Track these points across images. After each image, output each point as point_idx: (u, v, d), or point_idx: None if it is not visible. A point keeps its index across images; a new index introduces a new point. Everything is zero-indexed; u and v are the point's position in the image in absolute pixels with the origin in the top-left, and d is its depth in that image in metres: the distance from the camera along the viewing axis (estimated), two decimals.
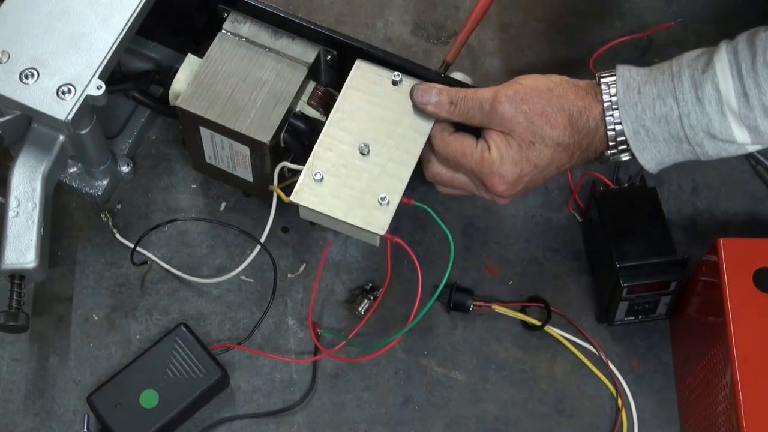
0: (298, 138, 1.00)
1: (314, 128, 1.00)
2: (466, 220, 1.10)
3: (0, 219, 0.98)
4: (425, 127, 0.97)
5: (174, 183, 1.11)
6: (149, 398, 0.98)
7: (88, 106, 0.97)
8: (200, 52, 1.02)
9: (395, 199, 0.94)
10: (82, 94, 0.96)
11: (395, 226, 0.98)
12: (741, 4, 1.20)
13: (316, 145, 0.96)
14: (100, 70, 0.98)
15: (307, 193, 0.95)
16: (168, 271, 1.07)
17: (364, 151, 0.96)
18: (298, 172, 0.97)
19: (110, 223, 1.08)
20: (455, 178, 0.97)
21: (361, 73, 1.00)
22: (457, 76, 1.00)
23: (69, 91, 0.96)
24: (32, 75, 0.97)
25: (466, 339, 1.05)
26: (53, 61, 0.98)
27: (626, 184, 1.05)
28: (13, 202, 0.98)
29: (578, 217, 1.10)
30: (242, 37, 1.02)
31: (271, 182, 1.00)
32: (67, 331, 1.04)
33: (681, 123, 0.87)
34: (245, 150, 0.99)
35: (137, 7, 1.00)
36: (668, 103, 0.87)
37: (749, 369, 0.89)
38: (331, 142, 0.97)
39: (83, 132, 0.99)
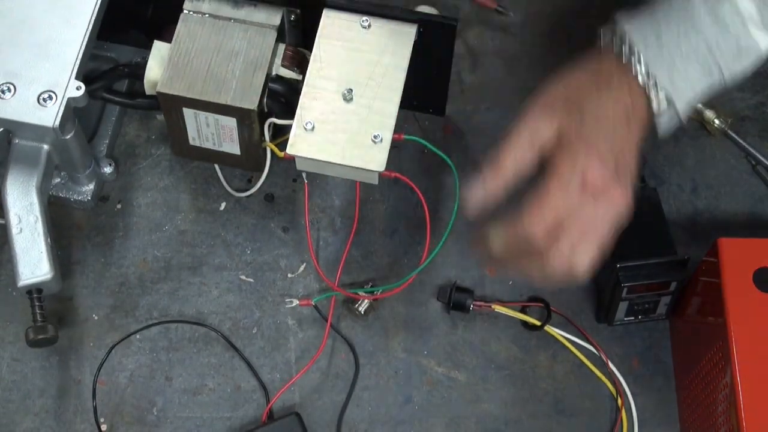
0: (278, 100, 1.02)
1: (292, 88, 1.01)
2: (466, 220, 1.10)
3: (3, 241, 0.97)
4: (403, 60, 0.99)
5: (174, 183, 1.11)
6: None
7: (71, 108, 0.97)
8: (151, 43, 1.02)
9: (387, 135, 0.96)
10: (63, 97, 0.96)
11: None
12: None
13: (301, 97, 0.98)
14: (76, 71, 0.98)
15: (301, 144, 0.96)
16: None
17: (347, 96, 0.97)
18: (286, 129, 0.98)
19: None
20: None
21: (331, 21, 1.01)
22: (423, 8, 1.02)
23: (50, 97, 0.96)
24: (9, 90, 0.97)
25: (466, 339, 1.05)
26: (27, 72, 0.97)
27: None
28: (14, 220, 0.97)
29: None
30: (205, 14, 1.03)
31: (259, 151, 1.01)
32: (67, 331, 1.04)
33: (710, 52, 0.85)
34: (232, 122, 1.00)
35: (96, 3, 1.00)
36: (692, 40, 0.85)
37: (749, 369, 0.89)
38: (315, 92, 0.98)
39: (68, 137, 0.99)
